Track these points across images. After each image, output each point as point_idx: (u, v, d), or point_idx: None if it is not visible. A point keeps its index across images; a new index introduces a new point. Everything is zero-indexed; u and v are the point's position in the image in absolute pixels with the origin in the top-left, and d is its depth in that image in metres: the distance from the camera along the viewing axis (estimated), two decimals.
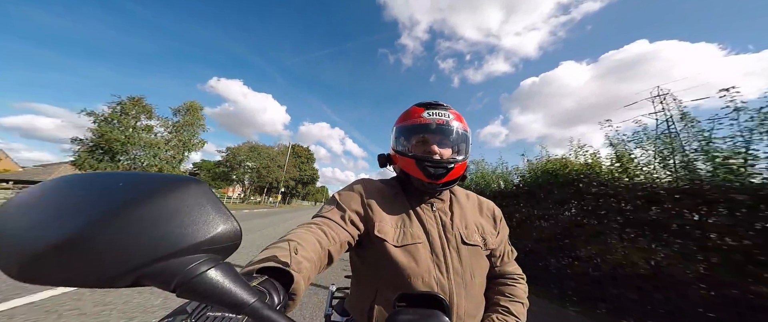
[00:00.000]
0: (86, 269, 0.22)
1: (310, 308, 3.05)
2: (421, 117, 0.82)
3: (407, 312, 0.42)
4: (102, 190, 0.25)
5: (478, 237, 0.81)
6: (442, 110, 0.83)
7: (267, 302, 0.36)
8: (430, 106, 0.84)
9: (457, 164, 0.80)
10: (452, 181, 0.82)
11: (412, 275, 0.71)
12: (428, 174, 0.78)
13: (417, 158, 0.79)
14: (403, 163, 0.83)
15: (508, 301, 0.80)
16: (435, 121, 0.81)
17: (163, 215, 0.26)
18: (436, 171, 0.77)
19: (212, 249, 0.28)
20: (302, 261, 0.51)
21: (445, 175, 0.78)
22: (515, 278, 0.86)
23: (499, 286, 0.85)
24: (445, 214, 0.82)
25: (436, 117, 0.82)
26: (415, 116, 0.84)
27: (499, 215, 0.92)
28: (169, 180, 0.28)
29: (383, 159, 0.93)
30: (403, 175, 0.86)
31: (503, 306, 0.79)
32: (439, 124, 0.81)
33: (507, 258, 0.88)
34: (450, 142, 0.83)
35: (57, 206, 0.24)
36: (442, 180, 0.78)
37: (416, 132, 0.84)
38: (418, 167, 0.79)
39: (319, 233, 0.64)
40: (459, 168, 0.81)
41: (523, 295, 0.83)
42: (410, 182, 0.85)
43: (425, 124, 0.82)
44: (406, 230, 0.77)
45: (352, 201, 0.79)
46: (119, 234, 0.23)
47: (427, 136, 0.82)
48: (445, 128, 0.82)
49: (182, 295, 0.26)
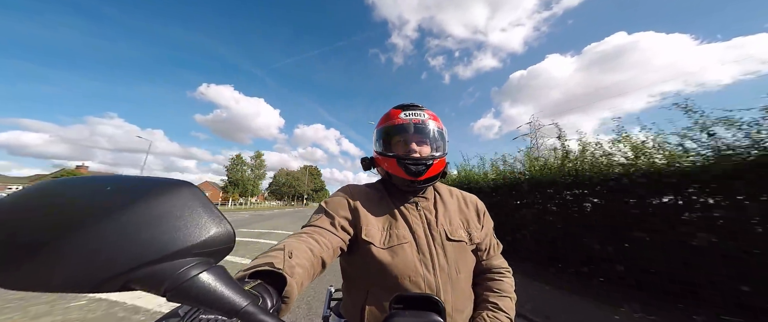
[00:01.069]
0: (73, 275, 0.22)
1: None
2: (398, 118, 0.86)
3: (403, 314, 0.42)
4: (89, 193, 0.25)
5: (463, 232, 0.82)
6: (418, 111, 0.87)
7: (260, 305, 0.36)
8: (406, 108, 0.88)
9: (436, 160, 0.83)
10: (433, 177, 0.84)
11: (399, 275, 0.72)
12: (409, 172, 0.80)
13: (397, 157, 0.82)
14: (386, 163, 0.86)
15: (497, 296, 0.81)
16: (411, 121, 0.85)
17: (153, 218, 0.25)
18: (416, 168, 0.80)
19: (204, 252, 0.28)
20: (295, 266, 0.52)
21: (425, 171, 0.81)
22: (502, 272, 0.87)
23: (486, 281, 0.86)
24: (429, 212, 0.84)
25: (412, 117, 0.85)
26: (393, 118, 0.87)
27: (483, 209, 0.94)
28: (159, 183, 0.28)
29: (366, 162, 0.96)
30: (386, 175, 0.88)
31: (492, 302, 0.80)
32: (416, 124, 0.85)
33: (493, 251, 0.89)
34: (427, 141, 0.86)
35: (43, 210, 0.24)
36: (423, 177, 0.81)
37: (395, 133, 0.86)
38: (399, 166, 0.81)
39: (310, 241, 0.65)
40: (438, 165, 0.84)
41: (511, 289, 0.84)
42: (393, 183, 0.87)
43: (403, 125, 0.85)
44: (392, 231, 0.78)
45: (339, 208, 0.80)
46: (107, 238, 0.23)
47: (405, 136, 0.85)
48: (421, 127, 0.85)
49: (172, 299, 0.26)
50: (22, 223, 0.23)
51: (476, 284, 0.86)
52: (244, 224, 12.62)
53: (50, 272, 0.21)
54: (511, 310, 0.80)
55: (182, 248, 0.26)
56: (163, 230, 0.26)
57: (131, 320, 2.66)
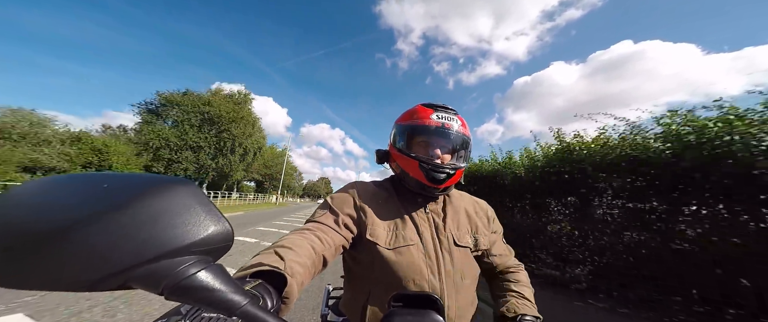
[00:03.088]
0: (69, 273, 0.22)
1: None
2: (429, 119, 0.81)
3: (402, 312, 0.42)
4: (86, 191, 0.25)
5: (469, 238, 0.82)
6: (452, 115, 0.82)
7: (260, 305, 0.36)
8: (439, 109, 0.83)
9: (458, 170, 0.80)
10: (450, 187, 0.82)
11: (404, 276, 0.71)
12: (430, 178, 0.77)
13: (420, 161, 0.78)
14: (404, 162, 0.82)
15: (519, 285, 0.82)
16: (444, 125, 0.80)
17: (150, 216, 0.25)
18: (438, 176, 0.77)
19: (203, 251, 0.28)
20: (295, 266, 0.51)
21: (446, 180, 0.78)
22: (516, 267, 0.88)
23: (504, 274, 0.86)
24: (438, 216, 0.83)
25: (445, 120, 0.81)
26: (422, 116, 0.82)
27: (492, 215, 0.93)
28: (157, 180, 0.27)
29: (381, 155, 0.92)
30: (401, 174, 0.85)
31: (516, 291, 0.80)
32: (447, 129, 0.80)
33: (507, 254, 0.90)
34: (453, 148, 0.82)
35: (39, 208, 0.23)
36: (442, 185, 0.78)
37: (421, 133, 0.82)
38: (420, 170, 0.78)
39: (312, 238, 0.64)
40: (459, 174, 0.81)
41: (528, 281, 0.85)
42: (404, 184, 0.85)
43: (433, 127, 0.80)
44: (398, 232, 0.77)
45: (344, 205, 0.79)
46: (104, 237, 0.23)
47: (432, 138, 0.81)
48: (451, 133, 0.81)
49: (171, 297, 0.26)
50: (17, 221, 0.23)
51: (495, 286, 0.86)
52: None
53: (46, 270, 0.21)
54: (532, 299, 0.80)
55: (180, 247, 0.26)
56: (161, 228, 0.25)
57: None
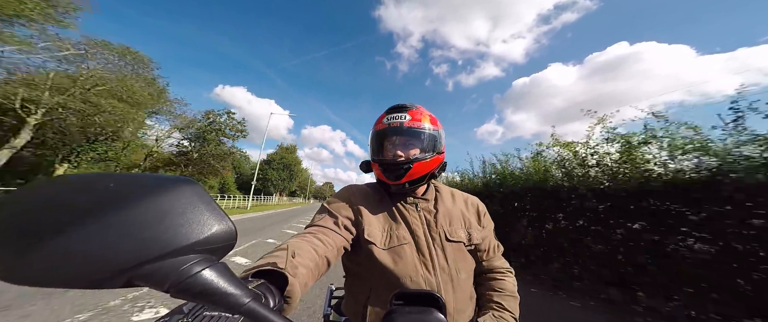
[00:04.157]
0: (76, 270, 0.22)
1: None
2: (380, 123, 0.86)
3: (403, 310, 0.43)
4: (93, 191, 0.25)
5: (462, 233, 0.82)
6: (400, 113, 0.85)
7: (262, 303, 0.36)
8: (391, 111, 0.87)
9: (418, 162, 0.80)
10: (418, 179, 0.82)
11: (400, 275, 0.72)
12: (389, 176, 0.81)
13: (378, 162, 0.84)
14: (374, 168, 0.87)
15: (501, 296, 0.81)
16: (390, 125, 0.84)
17: (156, 215, 0.26)
18: (395, 172, 0.81)
19: (207, 250, 0.28)
20: (298, 266, 0.52)
21: (405, 175, 0.80)
22: (503, 272, 0.87)
23: (489, 281, 0.86)
24: (429, 213, 0.84)
25: (392, 121, 0.84)
26: (378, 123, 0.88)
27: (483, 210, 0.94)
28: (162, 180, 0.28)
29: (364, 166, 0.95)
30: (378, 178, 0.89)
31: (497, 302, 0.80)
32: (394, 127, 0.84)
33: (493, 252, 0.89)
34: (413, 142, 0.84)
35: (47, 206, 0.24)
36: (402, 180, 0.80)
37: (381, 137, 0.87)
38: (380, 170, 0.83)
39: (314, 241, 0.65)
40: (420, 166, 0.81)
41: (514, 288, 0.84)
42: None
43: (383, 130, 0.85)
44: (392, 232, 0.79)
45: (341, 208, 0.81)
46: (110, 235, 0.23)
47: (388, 139, 0.86)
48: (402, 129, 0.83)
49: (176, 295, 0.26)
50: (25, 219, 0.23)
51: (478, 285, 0.86)
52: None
53: (54, 267, 0.22)
54: (515, 309, 0.80)
55: (185, 245, 0.26)
56: (165, 227, 0.26)
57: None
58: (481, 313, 0.79)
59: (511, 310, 0.79)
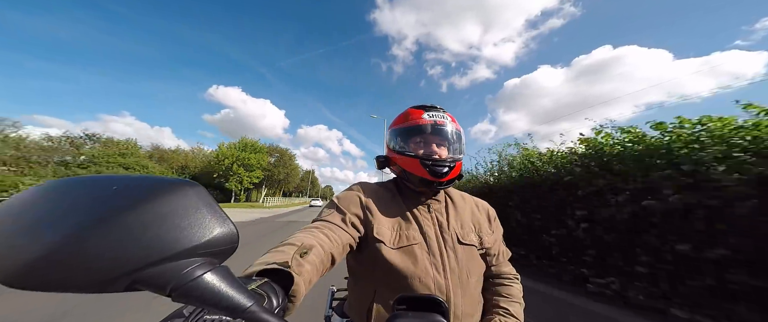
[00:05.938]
0: (77, 274, 0.22)
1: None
2: (421, 119, 0.86)
3: (406, 315, 0.42)
4: (94, 194, 0.25)
5: (473, 236, 0.82)
6: (440, 112, 0.88)
7: (265, 305, 0.36)
8: (428, 109, 0.88)
9: (457, 162, 0.83)
10: (453, 179, 0.84)
11: (409, 276, 0.71)
12: (433, 173, 0.80)
13: (420, 158, 0.82)
14: (405, 162, 0.85)
15: (507, 302, 0.81)
16: (436, 122, 0.85)
17: (157, 218, 0.25)
18: (439, 170, 0.80)
19: (209, 253, 0.28)
20: (303, 264, 0.51)
21: (448, 173, 0.81)
22: (511, 279, 0.87)
23: (496, 286, 0.85)
24: (441, 214, 0.84)
25: (436, 118, 0.86)
26: (414, 118, 0.87)
27: (493, 215, 0.94)
28: (164, 183, 0.28)
29: (381, 161, 0.95)
30: (404, 174, 0.87)
31: (503, 308, 0.79)
32: (439, 126, 0.85)
33: (502, 258, 0.89)
34: (448, 143, 0.86)
35: (49, 210, 0.24)
36: (445, 178, 0.81)
37: (417, 133, 0.86)
38: (421, 166, 0.81)
39: (321, 236, 0.64)
40: (458, 167, 0.84)
41: (520, 295, 0.84)
42: (407, 184, 0.87)
43: (426, 126, 0.85)
44: (402, 232, 0.78)
45: (351, 204, 0.80)
46: (111, 239, 0.23)
47: (428, 136, 0.85)
48: (443, 129, 0.86)
49: (178, 299, 0.26)
50: (26, 222, 0.23)
51: (486, 289, 0.85)
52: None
53: (55, 271, 0.21)
54: (520, 316, 0.79)
55: (187, 248, 0.26)
56: (167, 230, 0.25)
57: None
58: (487, 318, 0.79)
59: (517, 316, 0.78)
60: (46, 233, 0.22)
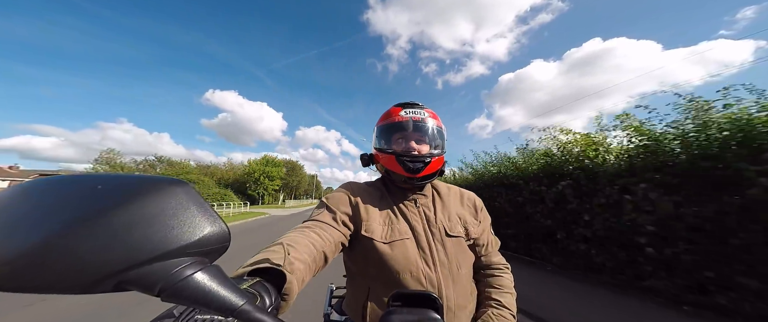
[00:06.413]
0: (62, 276, 0.21)
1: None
2: (398, 116, 0.87)
3: (400, 311, 0.42)
4: (80, 192, 0.24)
5: (460, 228, 0.83)
6: (418, 109, 0.88)
7: (258, 304, 0.35)
8: (406, 106, 0.89)
9: (434, 158, 0.84)
10: (430, 175, 0.84)
11: (400, 270, 0.72)
12: (407, 168, 0.81)
13: (396, 154, 0.83)
14: (384, 160, 0.86)
15: (499, 293, 0.82)
16: (411, 119, 0.86)
17: (145, 217, 0.25)
18: (414, 165, 0.81)
19: (199, 252, 0.28)
20: (295, 262, 0.51)
21: (423, 169, 0.82)
22: (501, 268, 0.87)
23: (487, 278, 0.86)
24: (428, 209, 0.85)
25: (412, 115, 0.86)
26: (393, 115, 0.88)
27: (480, 205, 0.94)
28: (151, 181, 0.27)
29: (365, 159, 0.96)
30: (385, 172, 0.88)
31: (495, 299, 0.80)
32: (415, 122, 0.86)
33: (491, 248, 0.89)
34: (426, 139, 0.86)
35: (29, 210, 0.23)
36: (420, 174, 0.82)
37: (395, 130, 0.88)
38: (397, 162, 0.82)
39: (311, 235, 0.65)
40: (436, 162, 0.84)
41: (511, 285, 0.85)
42: (392, 180, 0.88)
43: (403, 123, 0.86)
44: (393, 227, 0.79)
45: (340, 203, 0.81)
46: (97, 238, 0.22)
47: (405, 133, 0.86)
48: (421, 125, 0.86)
49: (167, 299, 0.26)
50: (10, 222, 0.22)
51: (477, 281, 0.86)
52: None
53: (40, 272, 0.21)
54: (513, 306, 0.80)
55: (176, 248, 0.26)
56: (156, 230, 0.25)
57: None
58: (480, 310, 0.80)
59: (510, 307, 0.79)
60: (29, 234, 0.21)
